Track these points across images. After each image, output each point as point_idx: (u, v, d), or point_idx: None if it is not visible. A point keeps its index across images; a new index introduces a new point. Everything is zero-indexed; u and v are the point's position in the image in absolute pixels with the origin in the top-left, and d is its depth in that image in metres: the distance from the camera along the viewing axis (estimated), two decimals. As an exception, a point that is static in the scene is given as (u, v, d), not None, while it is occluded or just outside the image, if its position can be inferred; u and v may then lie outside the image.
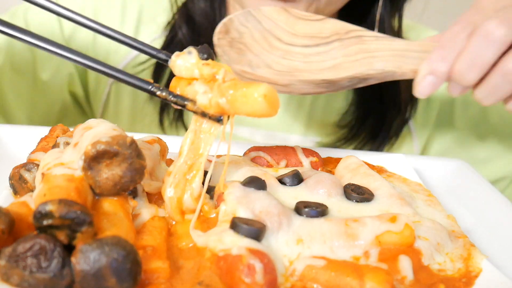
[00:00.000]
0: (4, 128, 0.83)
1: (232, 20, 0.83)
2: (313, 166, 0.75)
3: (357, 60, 0.81)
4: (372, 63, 0.79)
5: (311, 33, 0.85)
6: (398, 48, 0.80)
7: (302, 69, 0.81)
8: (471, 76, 0.71)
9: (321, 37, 0.84)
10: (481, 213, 0.76)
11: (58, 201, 0.48)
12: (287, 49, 0.84)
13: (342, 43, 0.83)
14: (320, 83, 0.78)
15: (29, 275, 0.47)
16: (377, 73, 0.78)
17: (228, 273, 0.51)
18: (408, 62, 0.78)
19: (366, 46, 0.82)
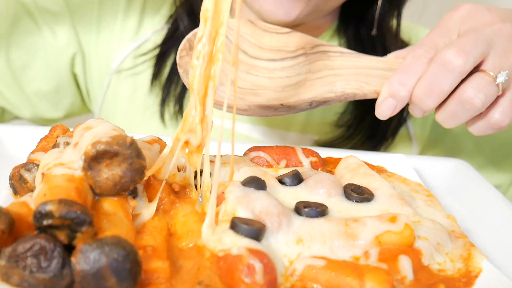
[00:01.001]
0: (4, 128, 0.83)
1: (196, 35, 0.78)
2: (313, 166, 0.75)
3: (320, 78, 0.80)
4: (334, 83, 0.79)
5: (277, 46, 0.83)
6: (362, 66, 0.80)
7: (265, 86, 0.79)
8: (429, 102, 0.74)
9: (287, 51, 0.83)
10: (481, 213, 0.76)
11: (58, 201, 0.48)
12: (252, 63, 0.81)
13: (307, 58, 0.82)
14: (279, 108, 0.77)
15: (29, 275, 0.47)
16: (337, 96, 0.78)
17: (228, 273, 0.51)
18: (370, 82, 0.78)
19: (330, 62, 0.82)
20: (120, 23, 1.17)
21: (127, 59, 1.18)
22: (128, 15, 1.17)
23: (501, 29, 0.75)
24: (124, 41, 1.18)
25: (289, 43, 0.84)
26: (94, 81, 1.20)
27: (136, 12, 1.18)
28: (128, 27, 1.18)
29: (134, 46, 1.17)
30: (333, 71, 0.80)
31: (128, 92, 1.18)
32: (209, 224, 0.56)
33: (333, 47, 0.84)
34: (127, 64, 1.18)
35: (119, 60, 1.18)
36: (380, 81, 0.78)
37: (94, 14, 1.16)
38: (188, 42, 0.79)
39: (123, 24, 1.17)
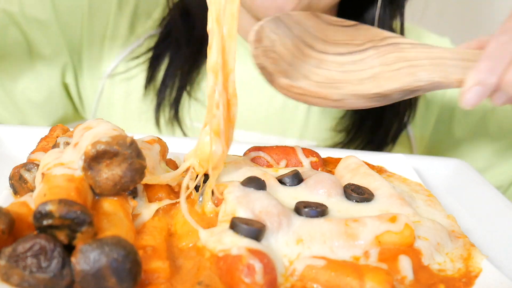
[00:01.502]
0: (4, 128, 0.83)
1: (263, 27, 0.76)
2: (313, 166, 0.75)
3: (397, 70, 0.76)
4: (415, 73, 0.74)
5: (343, 40, 0.80)
6: (437, 57, 0.76)
7: (340, 79, 0.76)
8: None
9: (354, 44, 0.80)
10: (481, 213, 0.76)
11: (58, 201, 0.48)
12: (320, 57, 0.78)
13: (377, 51, 0.79)
14: (373, 97, 0.73)
15: (29, 275, 0.47)
16: (426, 85, 0.73)
17: (228, 273, 0.51)
18: (451, 72, 0.74)
19: (403, 54, 0.78)
20: (111, 30, 1.14)
21: (120, 64, 1.16)
22: (119, 21, 1.15)
23: None
24: (116, 47, 1.15)
25: (356, 36, 0.81)
26: (87, 89, 1.18)
27: (127, 18, 1.15)
28: (119, 33, 1.15)
29: (126, 52, 1.15)
30: (408, 63, 0.76)
31: (122, 97, 1.16)
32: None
33: (402, 38, 0.80)
34: (120, 69, 1.16)
35: (112, 66, 1.16)
36: (460, 71, 0.73)
37: (84, 22, 1.13)
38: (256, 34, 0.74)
39: (114, 30, 1.15)
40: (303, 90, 0.71)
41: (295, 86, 0.70)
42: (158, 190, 0.63)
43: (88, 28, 1.13)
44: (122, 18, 1.15)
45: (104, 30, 1.14)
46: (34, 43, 1.10)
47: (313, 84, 0.73)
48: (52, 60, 1.12)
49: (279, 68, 0.73)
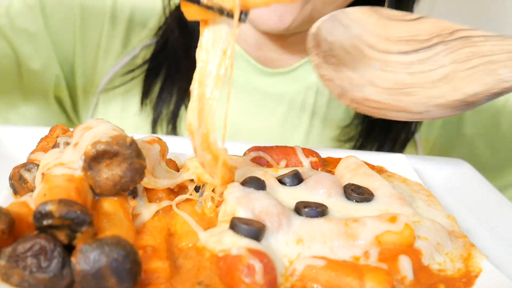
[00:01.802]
0: (4, 128, 0.83)
1: (320, 29, 0.69)
2: (313, 166, 0.75)
3: (472, 67, 0.68)
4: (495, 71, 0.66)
5: (406, 36, 0.72)
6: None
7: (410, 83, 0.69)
8: None
9: (419, 40, 0.72)
10: (481, 213, 0.76)
11: (58, 201, 0.48)
12: (383, 58, 0.71)
13: (447, 47, 0.70)
14: (458, 106, 0.67)
15: (29, 275, 0.47)
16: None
17: (228, 273, 0.51)
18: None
19: (477, 49, 0.69)
20: (105, 40, 1.10)
21: (115, 77, 1.11)
22: (114, 31, 1.10)
23: None
24: (110, 58, 1.11)
25: (420, 31, 0.72)
26: (80, 102, 1.15)
27: (122, 27, 1.11)
28: (114, 44, 1.11)
29: (122, 63, 1.11)
30: (485, 58, 0.68)
31: (118, 112, 1.13)
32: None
33: (474, 30, 0.71)
34: (115, 82, 1.11)
35: (106, 79, 1.12)
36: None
37: (77, 33, 1.09)
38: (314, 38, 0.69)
39: (109, 41, 1.10)
40: (381, 104, 0.65)
41: (371, 100, 0.65)
42: (158, 190, 0.63)
43: (80, 39, 1.09)
44: (116, 28, 1.11)
45: (97, 41, 1.10)
46: (23, 56, 1.06)
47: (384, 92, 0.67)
48: (43, 73, 1.08)
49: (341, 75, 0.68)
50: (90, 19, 1.10)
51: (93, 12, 1.10)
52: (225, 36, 0.56)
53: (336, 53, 0.69)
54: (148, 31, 1.12)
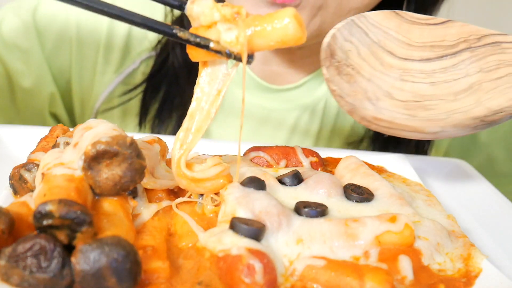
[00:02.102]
0: (4, 128, 0.83)
1: (336, 37, 0.65)
2: (313, 166, 0.75)
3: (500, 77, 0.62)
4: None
5: (431, 42, 0.67)
6: None
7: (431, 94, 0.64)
8: None
9: (444, 46, 0.67)
10: (481, 213, 0.76)
11: (58, 201, 0.48)
12: (403, 65, 0.67)
13: (474, 54, 0.65)
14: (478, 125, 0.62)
15: (29, 275, 0.47)
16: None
17: (228, 273, 0.51)
18: None
19: (507, 56, 0.63)
20: (102, 54, 1.05)
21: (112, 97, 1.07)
22: (112, 45, 1.05)
23: None
24: (108, 73, 1.06)
25: (446, 36, 0.67)
26: (78, 120, 1.11)
27: (120, 40, 1.05)
28: (112, 57, 1.06)
29: (120, 78, 1.06)
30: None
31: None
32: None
33: (505, 36, 0.65)
34: (112, 102, 1.07)
35: (102, 98, 1.07)
36: None
37: (73, 48, 1.05)
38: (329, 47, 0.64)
39: (106, 54, 1.06)
40: (392, 124, 0.61)
41: (381, 119, 0.62)
42: (158, 191, 0.63)
43: (76, 55, 1.05)
44: (114, 41, 1.06)
45: (95, 56, 1.06)
46: (14, 73, 1.02)
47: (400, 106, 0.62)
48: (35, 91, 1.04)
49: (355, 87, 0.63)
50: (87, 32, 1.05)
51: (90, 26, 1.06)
52: (221, 77, 0.58)
53: (353, 61, 0.65)
54: (148, 43, 1.07)
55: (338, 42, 0.65)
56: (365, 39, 0.66)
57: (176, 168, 0.59)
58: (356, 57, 0.65)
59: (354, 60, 0.65)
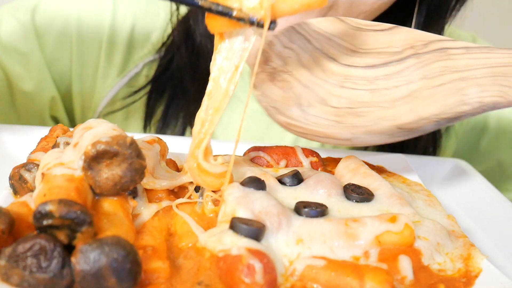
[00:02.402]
0: (4, 128, 0.83)
1: (272, 44, 0.65)
2: (313, 166, 0.75)
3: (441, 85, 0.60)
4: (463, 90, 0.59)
5: (377, 48, 0.65)
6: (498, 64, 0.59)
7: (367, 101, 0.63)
8: None
9: (391, 53, 0.65)
10: (481, 213, 0.76)
11: (58, 201, 0.48)
12: (346, 72, 0.65)
13: (419, 60, 0.63)
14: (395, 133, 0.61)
15: (29, 275, 0.47)
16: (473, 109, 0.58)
17: (228, 273, 0.51)
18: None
19: (453, 63, 0.61)
20: (104, 57, 1.03)
21: (115, 100, 1.05)
22: (114, 47, 1.03)
23: None
24: (110, 77, 1.04)
25: (393, 42, 0.66)
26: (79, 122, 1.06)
27: (122, 43, 1.03)
28: (114, 61, 1.03)
29: (122, 82, 1.04)
30: (458, 74, 0.60)
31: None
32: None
33: (454, 42, 0.63)
34: (115, 105, 1.05)
35: (106, 101, 1.05)
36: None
37: (73, 51, 1.03)
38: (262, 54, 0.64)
39: (108, 57, 1.03)
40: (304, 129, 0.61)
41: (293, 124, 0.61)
42: (158, 191, 0.63)
43: (77, 57, 1.03)
44: (116, 44, 1.03)
45: (96, 57, 1.04)
46: (14, 77, 1.00)
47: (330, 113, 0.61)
48: (36, 94, 1.02)
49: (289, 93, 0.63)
50: (87, 35, 1.03)
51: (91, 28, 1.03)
52: (238, 51, 0.56)
53: (291, 68, 0.64)
54: (151, 46, 1.05)
55: (275, 49, 0.65)
56: (307, 46, 0.66)
57: (194, 148, 0.58)
58: (295, 64, 0.64)
59: (293, 67, 0.64)
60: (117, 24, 1.04)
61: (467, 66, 0.61)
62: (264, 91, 0.62)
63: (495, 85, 0.58)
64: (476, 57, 0.61)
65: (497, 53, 0.60)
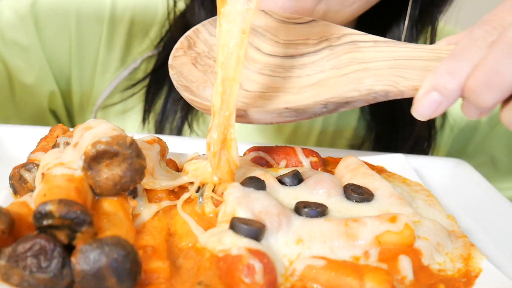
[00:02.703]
0: (4, 128, 0.83)
1: (199, 31, 0.69)
2: (313, 166, 0.75)
3: (345, 74, 0.65)
4: (362, 79, 0.63)
5: (296, 40, 0.70)
6: (401, 57, 0.63)
7: (278, 87, 0.67)
8: (489, 96, 0.55)
9: (308, 45, 0.69)
10: (481, 213, 0.76)
11: (58, 201, 0.48)
12: (266, 61, 0.69)
13: (332, 51, 0.68)
14: (283, 112, 0.63)
15: (29, 275, 0.47)
16: (361, 95, 0.62)
17: (228, 273, 0.51)
18: (410, 76, 0.61)
19: (361, 54, 0.66)
20: (103, 52, 1.04)
21: (114, 93, 1.06)
22: (113, 42, 1.04)
23: None
24: (109, 72, 1.05)
25: (311, 34, 0.70)
26: (77, 119, 1.10)
27: (121, 38, 1.04)
28: (113, 56, 1.04)
29: (121, 77, 1.05)
30: (363, 65, 0.65)
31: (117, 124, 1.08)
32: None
33: (365, 35, 0.68)
34: (113, 98, 1.06)
35: (105, 95, 1.06)
36: (423, 74, 0.61)
37: (73, 45, 1.03)
38: (187, 39, 0.69)
39: (107, 53, 1.04)
40: (204, 105, 0.64)
41: (196, 101, 0.65)
42: (158, 191, 0.63)
43: (76, 52, 1.04)
44: (115, 39, 1.04)
45: (95, 53, 1.05)
46: (14, 70, 1.01)
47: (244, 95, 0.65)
48: (36, 88, 1.03)
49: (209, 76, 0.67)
50: (86, 30, 1.04)
51: (90, 22, 1.04)
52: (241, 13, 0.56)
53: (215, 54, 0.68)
54: (149, 42, 1.05)
55: (201, 36, 0.70)
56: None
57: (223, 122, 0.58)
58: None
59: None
60: (116, 18, 1.04)
61: (373, 58, 0.65)
62: (183, 72, 0.66)
63: (393, 75, 0.62)
64: (382, 50, 0.65)
65: (401, 47, 0.65)
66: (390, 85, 0.62)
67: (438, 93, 0.58)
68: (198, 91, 0.66)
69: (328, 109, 0.64)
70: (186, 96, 0.66)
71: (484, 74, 0.55)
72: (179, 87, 0.66)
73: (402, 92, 0.61)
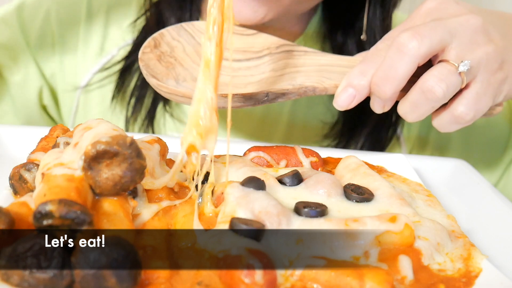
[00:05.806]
0: (4, 128, 0.83)
1: (163, 35, 0.84)
2: (313, 166, 0.75)
3: (282, 75, 0.82)
4: (294, 78, 0.80)
5: (243, 48, 0.86)
6: (325, 63, 0.82)
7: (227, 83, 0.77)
8: (387, 88, 0.71)
9: (252, 52, 0.86)
10: (481, 213, 0.76)
11: (58, 201, 0.48)
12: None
13: (272, 58, 0.85)
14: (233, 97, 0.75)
15: (29, 275, 0.47)
16: (295, 88, 0.78)
17: (228, 273, 0.51)
18: (331, 77, 0.80)
19: (294, 60, 0.84)
20: (82, 43, 1.11)
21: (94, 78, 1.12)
22: (90, 33, 1.10)
23: (468, 20, 0.72)
24: (88, 60, 1.11)
25: (255, 44, 0.86)
26: (65, 106, 1.15)
27: (99, 28, 1.11)
28: (91, 45, 1.11)
29: (100, 64, 1.11)
30: (295, 68, 0.82)
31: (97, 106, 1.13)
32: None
33: (298, 46, 0.86)
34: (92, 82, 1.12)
35: (85, 80, 1.12)
36: (341, 77, 0.77)
37: (56, 41, 1.10)
38: (154, 40, 0.82)
39: (86, 43, 1.11)
40: (169, 89, 0.76)
41: (162, 85, 0.76)
42: (158, 190, 0.63)
43: (60, 47, 1.10)
44: (93, 29, 1.11)
45: (75, 44, 1.11)
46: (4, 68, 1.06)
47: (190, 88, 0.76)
48: (25, 85, 1.09)
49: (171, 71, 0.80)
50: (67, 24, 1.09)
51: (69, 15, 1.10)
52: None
53: (176, 55, 0.83)
54: (125, 31, 1.11)
55: (165, 39, 0.84)
56: (191, 40, 0.85)
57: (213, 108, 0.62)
58: (181, 52, 0.84)
59: (178, 54, 0.83)
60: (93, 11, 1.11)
61: (303, 64, 0.83)
62: (149, 65, 0.79)
63: (319, 76, 0.80)
64: (311, 58, 0.84)
65: (326, 57, 0.84)
66: (317, 82, 0.79)
67: (353, 89, 0.74)
68: (162, 80, 0.79)
69: (268, 98, 0.78)
70: (153, 82, 0.77)
71: (383, 70, 0.72)
72: (147, 75, 0.78)
73: (326, 88, 0.79)
